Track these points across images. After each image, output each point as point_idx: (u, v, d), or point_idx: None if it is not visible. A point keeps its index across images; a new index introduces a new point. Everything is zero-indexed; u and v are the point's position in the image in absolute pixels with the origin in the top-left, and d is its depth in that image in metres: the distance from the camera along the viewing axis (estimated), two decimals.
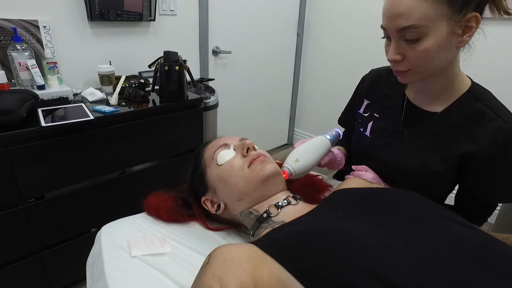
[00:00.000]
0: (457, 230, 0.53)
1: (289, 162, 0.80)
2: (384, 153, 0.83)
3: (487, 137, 0.69)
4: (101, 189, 1.35)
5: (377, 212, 0.57)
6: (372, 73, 0.93)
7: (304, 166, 0.80)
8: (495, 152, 0.70)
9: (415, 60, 0.67)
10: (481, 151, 0.70)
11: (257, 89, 2.55)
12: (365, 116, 0.90)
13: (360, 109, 0.93)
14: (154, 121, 1.42)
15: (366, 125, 0.89)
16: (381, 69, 0.91)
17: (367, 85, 0.92)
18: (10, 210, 1.13)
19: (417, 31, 0.63)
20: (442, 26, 0.62)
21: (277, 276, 0.49)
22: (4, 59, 1.31)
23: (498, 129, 0.69)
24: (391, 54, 0.68)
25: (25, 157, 1.10)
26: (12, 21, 1.31)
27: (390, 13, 0.64)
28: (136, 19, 1.65)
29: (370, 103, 0.90)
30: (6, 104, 1.06)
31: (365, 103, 0.91)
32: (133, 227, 0.77)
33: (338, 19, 2.45)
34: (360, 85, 0.95)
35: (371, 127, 0.87)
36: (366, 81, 0.93)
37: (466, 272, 0.44)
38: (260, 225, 0.68)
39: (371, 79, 0.92)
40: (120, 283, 0.61)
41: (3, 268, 1.18)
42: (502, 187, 0.74)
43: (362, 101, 0.92)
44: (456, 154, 0.73)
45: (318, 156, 0.83)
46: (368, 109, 0.90)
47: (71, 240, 1.33)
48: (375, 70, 0.93)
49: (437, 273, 0.44)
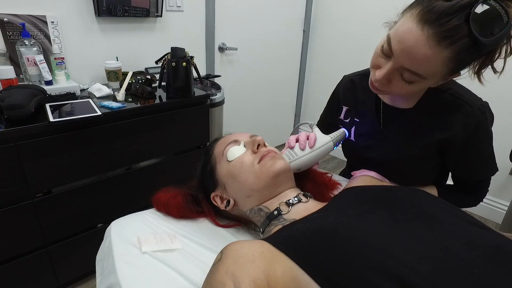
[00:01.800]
0: (471, 230, 0.53)
1: None
2: (370, 153, 0.89)
3: (458, 123, 0.74)
4: (107, 184, 1.35)
5: (389, 210, 0.57)
6: (345, 80, 0.95)
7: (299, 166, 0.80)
8: (469, 136, 0.74)
9: (398, 90, 0.70)
10: (456, 137, 0.75)
11: (263, 86, 2.55)
12: (346, 122, 0.94)
13: (340, 115, 0.96)
14: (160, 117, 1.42)
15: (349, 130, 0.93)
16: (353, 75, 0.94)
17: (343, 92, 0.95)
18: (18, 205, 1.13)
19: (416, 78, 0.64)
20: (435, 79, 0.66)
21: (291, 273, 0.48)
22: (12, 54, 1.31)
23: (468, 114, 0.73)
24: (381, 77, 0.68)
25: (33, 152, 1.11)
26: (21, 17, 1.31)
27: (407, 51, 0.61)
28: (143, 15, 1.65)
29: (349, 109, 0.93)
30: (15, 99, 1.07)
31: (344, 109, 0.95)
32: (143, 223, 0.77)
33: (345, 17, 2.44)
34: (336, 93, 0.98)
35: (354, 132, 0.92)
36: (341, 88, 0.96)
37: (482, 273, 0.44)
38: (271, 223, 0.68)
39: (346, 86, 0.94)
40: (131, 279, 0.61)
41: (11, 262, 1.19)
42: (481, 164, 0.81)
43: (341, 108, 0.95)
44: (432, 141, 0.78)
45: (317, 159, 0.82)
46: (348, 115, 0.94)
47: (78, 235, 1.34)
48: (347, 76, 0.96)
49: (454, 273, 0.43)
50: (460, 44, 0.57)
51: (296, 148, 0.81)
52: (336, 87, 0.99)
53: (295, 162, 0.79)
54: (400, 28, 0.62)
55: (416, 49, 0.59)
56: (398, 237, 0.49)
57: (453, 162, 0.82)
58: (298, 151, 0.80)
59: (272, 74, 2.57)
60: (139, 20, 1.68)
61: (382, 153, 0.86)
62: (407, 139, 0.81)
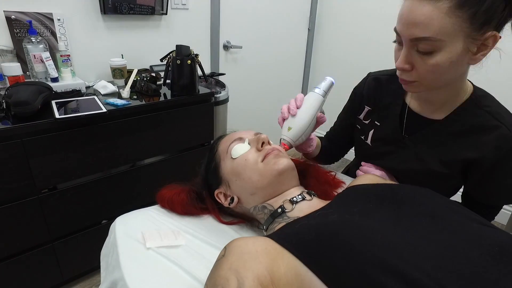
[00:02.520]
0: (477, 228, 0.52)
1: (283, 133, 0.82)
2: (386, 161, 0.84)
3: (490, 145, 0.69)
4: (112, 181, 1.36)
5: (394, 208, 0.57)
6: (371, 78, 0.90)
7: (299, 130, 0.81)
8: (498, 159, 0.70)
9: (424, 73, 0.64)
10: (484, 158, 0.70)
11: (267, 84, 2.54)
12: (365, 124, 0.89)
13: (360, 115, 0.91)
14: (165, 114, 1.42)
15: (367, 133, 0.88)
16: (379, 74, 0.89)
17: (367, 91, 0.89)
18: (24, 200, 1.15)
19: (432, 44, 0.60)
20: (458, 42, 0.59)
21: (294, 270, 0.48)
22: (19, 52, 1.32)
23: (502, 137, 0.68)
24: (401, 62, 0.65)
25: (39, 148, 1.12)
26: (28, 14, 1.32)
27: (407, 20, 0.61)
28: (148, 13, 1.66)
29: (371, 110, 0.88)
30: (22, 96, 1.07)
31: (366, 110, 0.90)
32: (147, 219, 0.78)
33: (350, 15, 2.43)
34: (360, 90, 0.92)
35: (372, 135, 0.87)
36: (366, 87, 0.90)
37: (487, 271, 0.44)
38: (274, 220, 0.68)
39: (371, 85, 0.89)
40: (136, 274, 0.62)
41: (17, 256, 1.21)
42: (502, 191, 0.76)
43: (363, 107, 0.90)
44: (458, 160, 0.73)
45: (310, 115, 0.82)
46: (369, 116, 0.89)
47: (83, 231, 1.35)
48: (373, 74, 0.90)
49: (458, 270, 0.43)
50: None
51: (289, 118, 0.82)
52: (360, 84, 0.93)
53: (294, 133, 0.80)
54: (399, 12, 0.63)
55: (413, 13, 0.59)
56: (402, 235, 0.49)
57: (473, 183, 0.77)
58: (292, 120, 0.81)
59: (276, 73, 2.57)
60: (145, 17, 1.68)
61: (399, 162, 0.81)
62: (431, 152, 0.76)
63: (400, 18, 0.63)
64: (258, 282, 0.49)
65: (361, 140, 0.91)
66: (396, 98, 0.82)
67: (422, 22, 0.58)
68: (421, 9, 0.58)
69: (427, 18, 0.57)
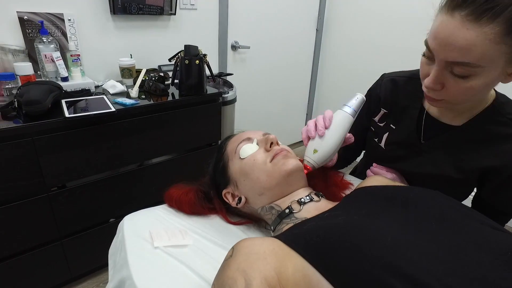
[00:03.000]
0: (488, 232, 0.51)
1: (308, 154, 0.75)
2: (399, 165, 0.82)
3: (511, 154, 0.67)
4: (120, 180, 1.37)
5: (403, 210, 0.56)
6: (386, 80, 0.86)
7: (326, 153, 0.73)
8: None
9: (455, 94, 0.60)
10: (504, 167, 0.68)
11: (275, 85, 2.54)
12: (380, 126, 0.87)
13: (375, 117, 0.89)
14: (173, 114, 1.43)
15: (381, 136, 0.86)
16: (396, 75, 0.85)
17: (384, 93, 0.86)
18: (34, 198, 1.16)
19: (469, 69, 0.55)
20: (498, 67, 0.54)
21: (302, 271, 0.48)
22: (31, 51, 1.34)
23: None
24: (431, 82, 0.60)
25: (49, 147, 1.13)
26: (40, 15, 1.34)
27: (445, 41, 0.54)
28: (157, 13, 1.67)
29: (387, 113, 0.85)
30: (33, 95, 1.09)
31: (381, 112, 0.87)
32: (155, 219, 0.78)
33: (359, 16, 2.41)
34: (375, 92, 0.88)
35: (386, 138, 0.85)
36: (382, 89, 0.86)
37: (498, 276, 0.43)
38: (282, 221, 0.68)
39: (388, 88, 0.85)
40: (143, 273, 0.62)
41: (27, 253, 1.22)
42: None
43: (378, 109, 0.87)
44: (476, 168, 0.71)
45: (339, 138, 0.74)
46: (384, 119, 0.86)
47: (91, 229, 1.37)
48: (388, 75, 0.87)
49: (469, 276, 0.42)
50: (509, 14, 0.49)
51: (316, 139, 0.73)
52: (375, 86, 0.89)
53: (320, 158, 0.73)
54: (433, 26, 0.57)
55: (453, 36, 0.53)
56: (412, 238, 0.48)
57: (490, 190, 0.75)
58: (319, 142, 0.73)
59: (284, 73, 2.57)
60: (153, 18, 1.69)
61: (413, 167, 0.79)
62: (447, 158, 0.74)
63: (435, 35, 0.56)
64: (265, 283, 0.48)
65: (374, 143, 0.89)
66: (413, 102, 0.79)
67: (463, 48, 0.53)
68: (464, 33, 0.52)
69: (470, 44, 0.52)
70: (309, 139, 0.75)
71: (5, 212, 1.11)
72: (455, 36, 0.53)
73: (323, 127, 0.73)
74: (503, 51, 0.52)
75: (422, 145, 0.78)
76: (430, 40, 0.58)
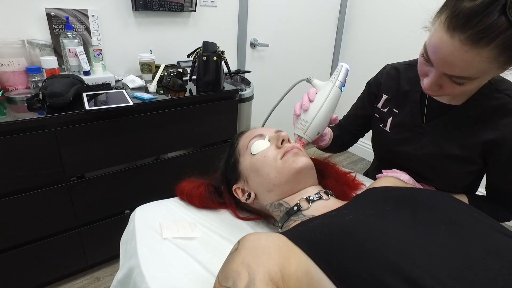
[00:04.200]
0: (499, 239, 0.49)
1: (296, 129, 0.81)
2: (405, 147, 0.84)
3: (510, 126, 0.69)
4: (136, 173, 1.40)
5: (412, 212, 0.55)
6: (389, 68, 0.92)
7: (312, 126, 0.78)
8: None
9: (453, 93, 0.66)
10: (505, 139, 0.70)
11: (293, 83, 2.52)
12: (384, 112, 0.90)
13: (378, 104, 0.92)
14: (190, 110, 1.45)
15: (385, 120, 0.89)
16: (397, 64, 0.91)
17: (385, 79, 0.91)
18: (54, 187, 1.21)
19: (466, 81, 0.60)
20: (491, 74, 0.61)
21: (305, 268, 0.48)
22: (56, 46, 1.39)
23: None
24: (429, 86, 0.65)
25: (70, 138, 1.17)
26: (66, 11, 1.39)
27: (444, 60, 0.59)
28: (177, 10, 1.69)
29: (389, 98, 0.89)
30: (56, 88, 1.13)
31: (383, 98, 0.90)
32: (165, 211, 0.80)
33: (381, 15, 2.36)
34: (377, 79, 0.94)
35: (390, 122, 0.88)
36: (384, 76, 0.92)
37: (507, 284, 0.41)
38: (290, 218, 0.67)
39: (389, 74, 0.90)
40: (151, 262, 0.63)
41: (46, 239, 1.28)
42: None
43: (380, 95, 0.91)
44: (478, 142, 0.73)
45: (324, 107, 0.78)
46: (386, 104, 0.90)
47: (107, 219, 1.41)
48: (390, 65, 0.92)
49: (474, 281, 0.41)
50: (502, 39, 0.53)
51: (302, 114, 0.79)
52: (378, 74, 0.95)
53: (308, 130, 0.78)
54: (432, 38, 0.60)
55: (453, 56, 0.57)
56: (418, 240, 0.47)
57: (495, 169, 0.76)
58: (306, 115, 0.78)
59: (303, 72, 2.54)
60: (174, 14, 1.72)
61: (418, 148, 0.82)
62: (450, 136, 0.77)
63: (434, 49, 0.60)
64: (268, 278, 0.48)
65: (380, 128, 0.91)
66: (415, 86, 0.83)
67: (462, 66, 0.57)
68: (463, 55, 0.56)
69: (468, 64, 0.57)
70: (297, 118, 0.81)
71: (26, 199, 1.16)
72: (454, 56, 0.57)
73: (307, 102, 0.80)
74: (497, 65, 0.57)
75: (425, 126, 0.81)
76: (430, 52, 0.62)
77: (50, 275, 1.38)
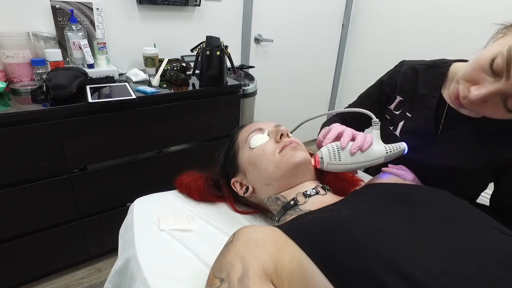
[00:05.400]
0: (494, 236, 0.49)
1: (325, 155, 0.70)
2: (413, 155, 0.78)
3: None
4: (138, 166, 1.41)
5: (408, 208, 0.54)
6: (406, 67, 0.84)
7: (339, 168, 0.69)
8: None
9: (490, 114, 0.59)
10: None
11: (297, 80, 2.51)
12: (396, 114, 0.85)
13: (390, 105, 0.86)
14: (192, 104, 1.45)
15: (396, 124, 0.84)
16: (416, 63, 0.83)
17: (402, 80, 0.83)
18: (57, 178, 1.22)
19: None
20: None
21: (298, 261, 0.48)
22: (61, 39, 1.40)
23: None
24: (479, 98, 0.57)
25: (73, 130, 1.18)
26: (70, 3, 1.39)
27: None
28: (182, 4, 1.69)
29: (403, 101, 0.83)
30: (60, 80, 1.14)
31: (397, 100, 0.84)
32: (164, 203, 0.80)
33: (387, 12, 2.33)
34: (392, 78, 0.86)
35: (401, 127, 0.83)
36: (400, 75, 0.84)
37: (500, 280, 0.40)
38: (286, 212, 0.68)
39: (406, 75, 0.83)
40: (148, 253, 0.64)
41: (48, 230, 1.29)
42: None
43: (394, 97, 0.85)
44: (494, 159, 0.69)
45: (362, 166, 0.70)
46: (400, 107, 0.84)
47: (109, 211, 1.42)
48: (408, 63, 0.84)
49: (467, 277, 0.40)
50: None
51: (345, 151, 0.68)
52: (393, 72, 0.87)
53: (333, 166, 0.69)
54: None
55: None
56: (412, 236, 0.47)
57: (509, 185, 0.72)
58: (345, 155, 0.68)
59: (307, 68, 2.53)
60: (178, 8, 1.72)
61: (427, 157, 0.77)
62: (464, 149, 0.72)
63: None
64: (262, 270, 0.49)
65: (389, 131, 0.86)
66: (432, 91, 0.77)
67: None
68: None
69: None
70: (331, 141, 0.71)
71: (29, 190, 1.18)
72: None
73: (359, 148, 0.67)
74: None
75: (438, 136, 0.76)
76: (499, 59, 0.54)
77: (52, 265, 1.40)
